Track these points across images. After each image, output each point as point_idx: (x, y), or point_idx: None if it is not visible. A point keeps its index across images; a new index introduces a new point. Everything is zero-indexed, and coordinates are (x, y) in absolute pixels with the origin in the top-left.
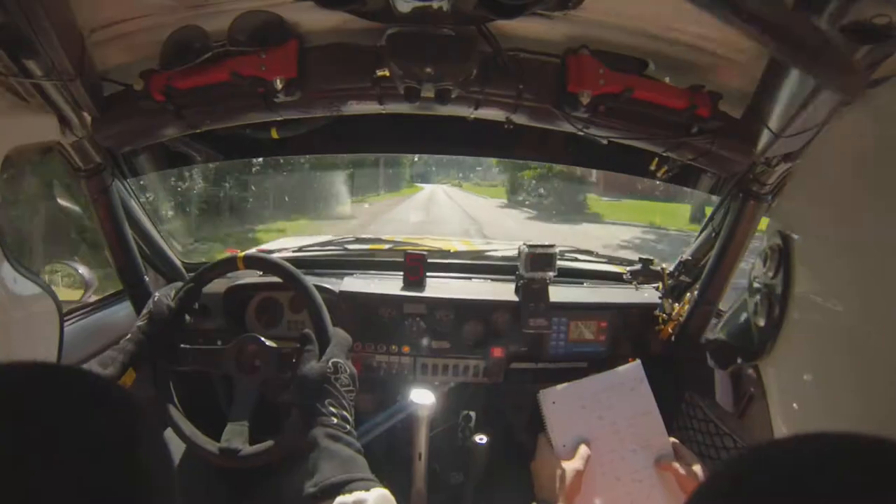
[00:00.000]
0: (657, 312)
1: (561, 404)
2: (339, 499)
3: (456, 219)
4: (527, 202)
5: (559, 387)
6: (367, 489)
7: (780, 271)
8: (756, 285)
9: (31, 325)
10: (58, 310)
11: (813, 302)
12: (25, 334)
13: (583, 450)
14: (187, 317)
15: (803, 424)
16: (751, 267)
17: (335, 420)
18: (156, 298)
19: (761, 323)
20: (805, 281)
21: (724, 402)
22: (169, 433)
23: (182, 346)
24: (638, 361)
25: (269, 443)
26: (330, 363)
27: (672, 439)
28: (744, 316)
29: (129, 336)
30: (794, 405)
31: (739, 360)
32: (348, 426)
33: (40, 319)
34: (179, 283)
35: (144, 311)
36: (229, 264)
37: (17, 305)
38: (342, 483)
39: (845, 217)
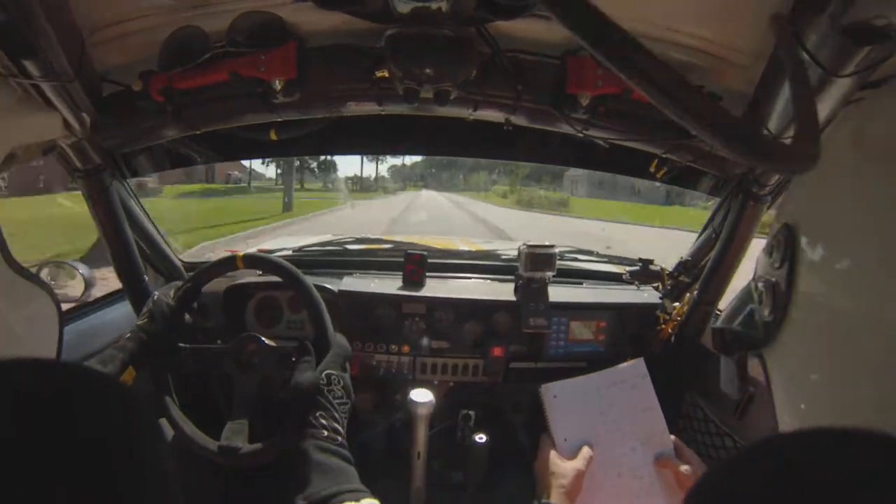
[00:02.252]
0: (658, 312)
1: (562, 399)
2: None
3: None
4: None
5: (561, 381)
6: (357, 500)
7: (785, 263)
8: (761, 276)
9: (30, 326)
10: (57, 310)
11: (817, 293)
12: (25, 335)
13: (585, 450)
14: (187, 316)
15: (807, 412)
16: (756, 261)
17: (325, 432)
18: (155, 297)
19: (766, 313)
20: (810, 272)
21: (725, 402)
22: (167, 429)
23: (181, 345)
24: (640, 359)
25: (269, 441)
26: (323, 375)
27: (672, 437)
28: (749, 306)
29: (128, 335)
30: (799, 394)
31: (745, 349)
32: (340, 438)
33: (40, 320)
34: (179, 283)
35: (144, 309)
36: (228, 264)
37: (16, 306)
38: (331, 495)
39: (850, 211)
